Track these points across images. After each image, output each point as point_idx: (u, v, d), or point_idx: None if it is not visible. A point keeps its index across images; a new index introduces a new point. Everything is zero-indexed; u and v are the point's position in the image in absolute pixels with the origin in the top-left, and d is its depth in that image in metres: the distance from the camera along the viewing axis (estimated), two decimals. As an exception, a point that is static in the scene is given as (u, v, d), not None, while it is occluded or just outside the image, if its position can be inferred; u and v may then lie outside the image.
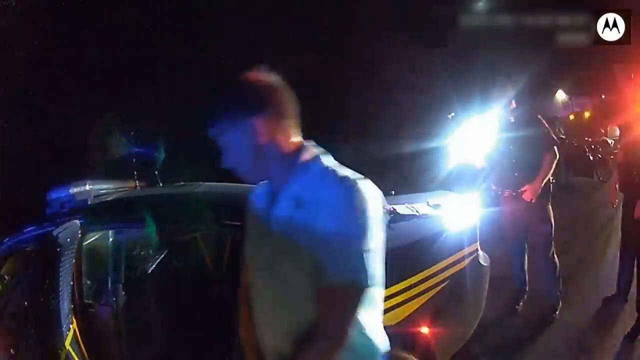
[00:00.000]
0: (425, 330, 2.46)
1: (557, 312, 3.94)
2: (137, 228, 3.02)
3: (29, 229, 2.92)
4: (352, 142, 16.01)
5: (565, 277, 4.09)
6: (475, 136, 3.99)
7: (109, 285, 2.66)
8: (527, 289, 4.15)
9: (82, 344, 2.32)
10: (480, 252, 2.93)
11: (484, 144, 3.94)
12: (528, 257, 4.14)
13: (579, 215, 7.43)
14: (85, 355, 2.32)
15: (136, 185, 3.15)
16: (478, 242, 2.88)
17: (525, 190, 3.79)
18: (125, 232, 2.82)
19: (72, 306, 2.36)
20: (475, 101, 4.11)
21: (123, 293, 2.62)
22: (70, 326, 2.26)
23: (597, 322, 3.86)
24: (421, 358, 2.45)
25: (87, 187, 2.81)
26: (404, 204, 2.85)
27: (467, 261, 2.72)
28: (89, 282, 2.71)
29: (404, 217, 2.72)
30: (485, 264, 2.94)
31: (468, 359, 3.12)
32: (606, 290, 4.25)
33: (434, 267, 2.51)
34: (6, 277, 3.49)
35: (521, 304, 4.11)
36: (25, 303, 1.65)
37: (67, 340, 2.13)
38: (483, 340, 3.43)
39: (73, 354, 2.16)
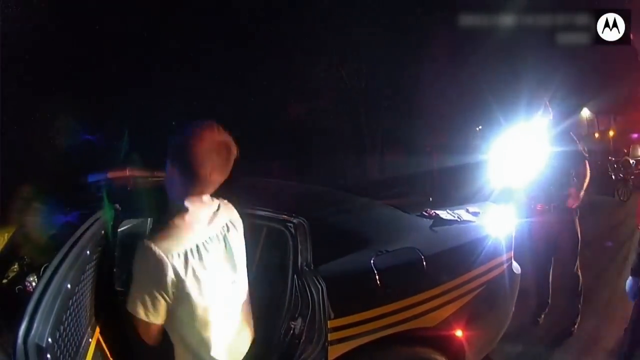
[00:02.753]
0: (459, 333, 2.49)
1: (576, 326, 3.97)
2: None
3: (52, 211, 2.86)
4: (390, 154, 16.20)
5: (584, 291, 4.10)
6: (513, 150, 4.05)
7: None
8: (549, 302, 4.18)
9: (111, 332, 2.25)
10: (513, 261, 2.98)
11: (522, 158, 3.99)
12: (552, 270, 4.17)
13: (600, 233, 7.41)
14: (114, 344, 2.25)
15: None
16: (512, 251, 2.92)
17: (569, 196, 3.83)
18: None
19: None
20: (510, 115, 4.18)
21: None
22: (101, 313, 2.18)
23: (614, 336, 3.84)
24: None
25: (127, 173, 2.77)
26: (445, 209, 2.91)
27: (502, 268, 2.73)
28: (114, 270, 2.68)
29: (445, 221, 2.78)
30: (517, 273, 2.98)
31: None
32: (622, 306, 4.27)
33: (472, 272, 2.53)
34: (26, 258, 3.54)
35: (543, 316, 4.14)
36: (69, 286, 1.61)
37: (97, 328, 2.06)
38: (504, 350, 3.46)
39: (102, 343, 2.11)
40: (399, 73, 15.08)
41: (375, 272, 2.23)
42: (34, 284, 3.21)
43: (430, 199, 3.13)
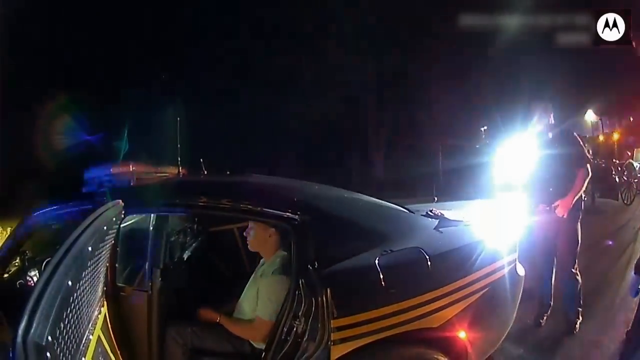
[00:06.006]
0: (462, 335, 2.47)
1: (577, 327, 3.97)
2: (179, 214, 3.04)
3: (55, 206, 2.87)
4: (395, 153, 16.27)
5: (586, 294, 4.11)
6: (515, 151, 4.04)
7: (146, 270, 2.62)
8: (551, 303, 4.17)
9: (110, 328, 2.27)
10: (518, 263, 2.95)
11: (523, 159, 3.99)
12: (554, 272, 4.16)
13: (603, 236, 7.38)
14: (114, 339, 2.28)
15: (179, 172, 3.14)
16: (517, 252, 2.89)
17: (557, 205, 3.85)
18: (166, 218, 2.77)
19: (105, 289, 2.30)
20: (513, 116, 4.17)
21: (160, 279, 2.56)
22: (102, 309, 2.18)
23: (616, 339, 3.81)
24: (455, 361, 2.49)
25: (131, 168, 2.79)
26: (450, 209, 2.88)
27: (506, 270, 2.69)
28: (116, 265, 2.65)
29: (451, 222, 2.75)
30: (521, 275, 2.95)
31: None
32: (624, 310, 4.28)
33: (476, 273, 2.49)
34: (27, 252, 3.52)
35: (545, 318, 4.13)
36: (70, 283, 1.58)
37: (98, 324, 2.03)
38: (505, 351, 3.46)
39: (103, 338, 2.08)
40: (404, 72, 15.11)
41: (380, 271, 2.20)
42: (35, 278, 3.19)
43: (435, 198, 3.10)
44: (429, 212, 2.86)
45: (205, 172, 3.16)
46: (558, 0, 7.46)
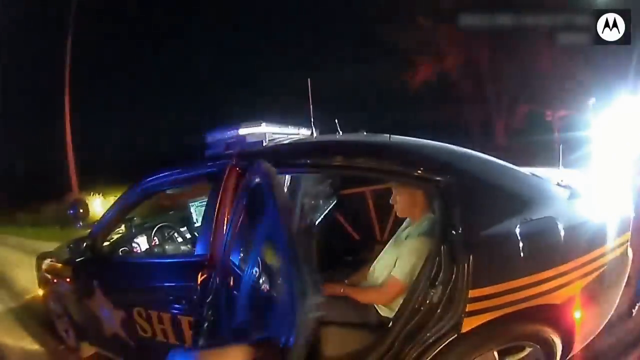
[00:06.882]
0: (577, 315, 2.37)
1: None
2: (316, 175, 3.00)
3: (170, 171, 2.89)
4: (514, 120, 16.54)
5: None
6: (627, 125, 3.89)
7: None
8: (645, 293, 4.01)
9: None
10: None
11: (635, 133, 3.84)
12: None
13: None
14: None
15: (313, 132, 3.03)
16: (630, 232, 2.77)
17: None
18: (299, 179, 2.75)
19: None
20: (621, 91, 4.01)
21: None
22: None
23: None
24: (564, 343, 2.40)
25: (263, 129, 2.73)
26: (578, 180, 2.79)
27: (622, 249, 2.59)
28: None
29: (579, 193, 2.64)
30: (630, 257, 2.83)
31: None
32: None
33: (598, 250, 2.40)
34: (135, 219, 3.57)
35: (637, 307, 3.97)
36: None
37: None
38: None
39: None
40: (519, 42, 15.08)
41: (520, 240, 2.11)
42: (141, 245, 3.25)
43: (560, 164, 2.99)
44: (559, 183, 2.75)
45: (341, 133, 3.08)
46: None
